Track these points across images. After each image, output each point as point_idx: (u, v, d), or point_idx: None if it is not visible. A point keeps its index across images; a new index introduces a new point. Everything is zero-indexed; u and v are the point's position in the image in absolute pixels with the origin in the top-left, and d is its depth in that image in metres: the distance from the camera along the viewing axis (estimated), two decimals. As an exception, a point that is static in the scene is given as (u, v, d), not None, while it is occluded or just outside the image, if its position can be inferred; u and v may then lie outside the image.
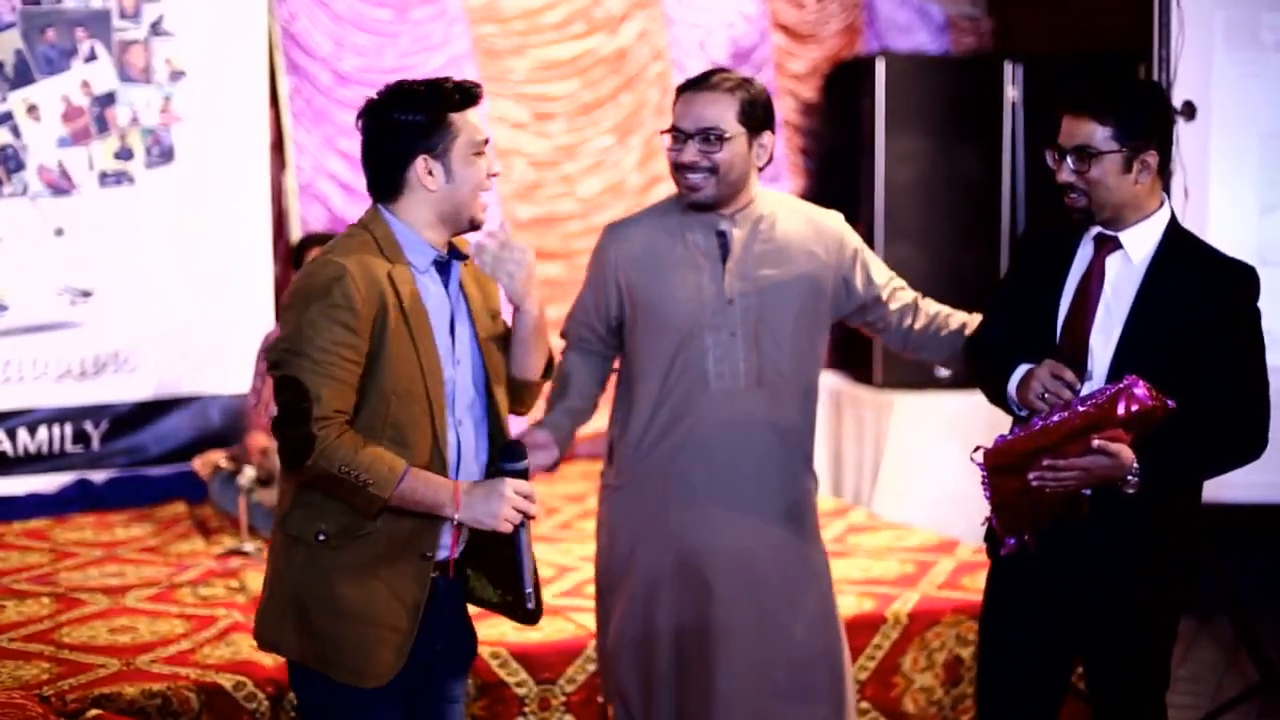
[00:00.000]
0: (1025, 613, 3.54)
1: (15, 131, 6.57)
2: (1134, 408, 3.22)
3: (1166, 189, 4.90)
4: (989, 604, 3.65)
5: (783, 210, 3.82)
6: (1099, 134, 3.34)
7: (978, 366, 3.66)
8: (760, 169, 3.76)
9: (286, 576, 3.13)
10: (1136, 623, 3.44)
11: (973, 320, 3.91)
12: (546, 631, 4.70)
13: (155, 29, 6.75)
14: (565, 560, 5.64)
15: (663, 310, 3.74)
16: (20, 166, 6.57)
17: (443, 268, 3.20)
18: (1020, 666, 3.56)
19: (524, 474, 3.13)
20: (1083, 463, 3.26)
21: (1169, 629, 3.53)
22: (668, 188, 7.93)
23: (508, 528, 3.09)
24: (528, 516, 3.12)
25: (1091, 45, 7.98)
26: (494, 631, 4.71)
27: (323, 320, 2.99)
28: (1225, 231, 6.27)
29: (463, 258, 3.25)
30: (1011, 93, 7.60)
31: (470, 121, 3.14)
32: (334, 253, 3.08)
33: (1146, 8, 5.11)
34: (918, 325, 3.91)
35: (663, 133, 3.72)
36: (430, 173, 3.11)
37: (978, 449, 3.37)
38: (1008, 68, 7.65)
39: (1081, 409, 3.26)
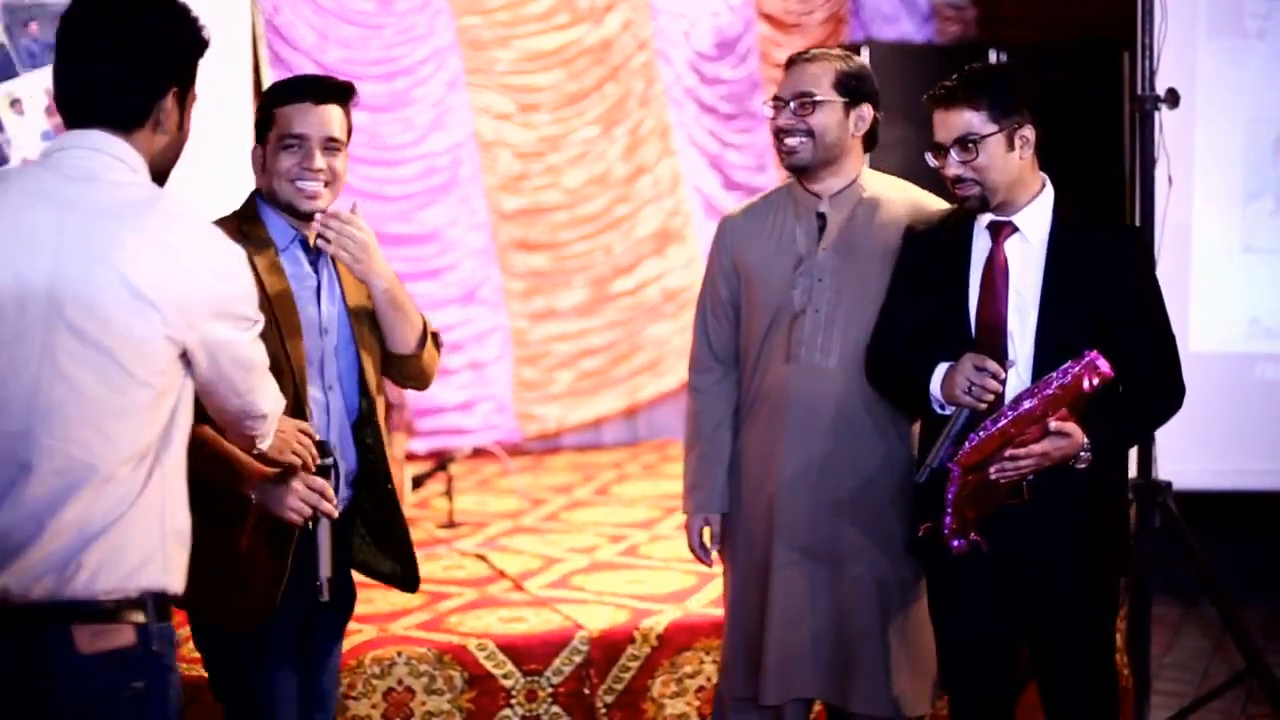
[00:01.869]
0: (972, 600, 3.56)
1: (-2, 125, 6.56)
2: (1095, 381, 3.24)
3: (1146, 176, 4.95)
4: (934, 596, 3.67)
5: (887, 194, 3.87)
6: (975, 120, 3.43)
7: (881, 375, 3.66)
8: (864, 142, 3.88)
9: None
10: (1078, 598, 3.47)
11: None
12: (533, 623, 4.71)
13: (138, 22, 6.74)
14: (552, 551, 5.64)
15: (760, 285, 3.83)
16: (3, 160, 6.55)
17: (307, 244, 3.39)
18: (975, 654, 3.59)
19: (325, 472, 3.18)
20: (1040, 448, 3.29)
21: (1110, 602, 3.58)
22: (652, 178, 7.99)
23: (296, 519, 3.16)
24: (322, 513, 3.18)
25: (1075, 33, 7.99)
26: (480, 623, 4.72)
27: None
28: (1209, 219, 6.28)
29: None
30: (996, 81, 7.60)
31: (288, 116, 3.33)
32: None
33: (1130, -4, 5.11)
34: None
35: (766, 103, 3.87)
36: (262, 159, 3.39)
37: (956, 462, 3.34)
38: (992, 56, 7.64)
39: (1049, 391, 3.26)
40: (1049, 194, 3.52)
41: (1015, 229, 3.49)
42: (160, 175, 2.72)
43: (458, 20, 7.51)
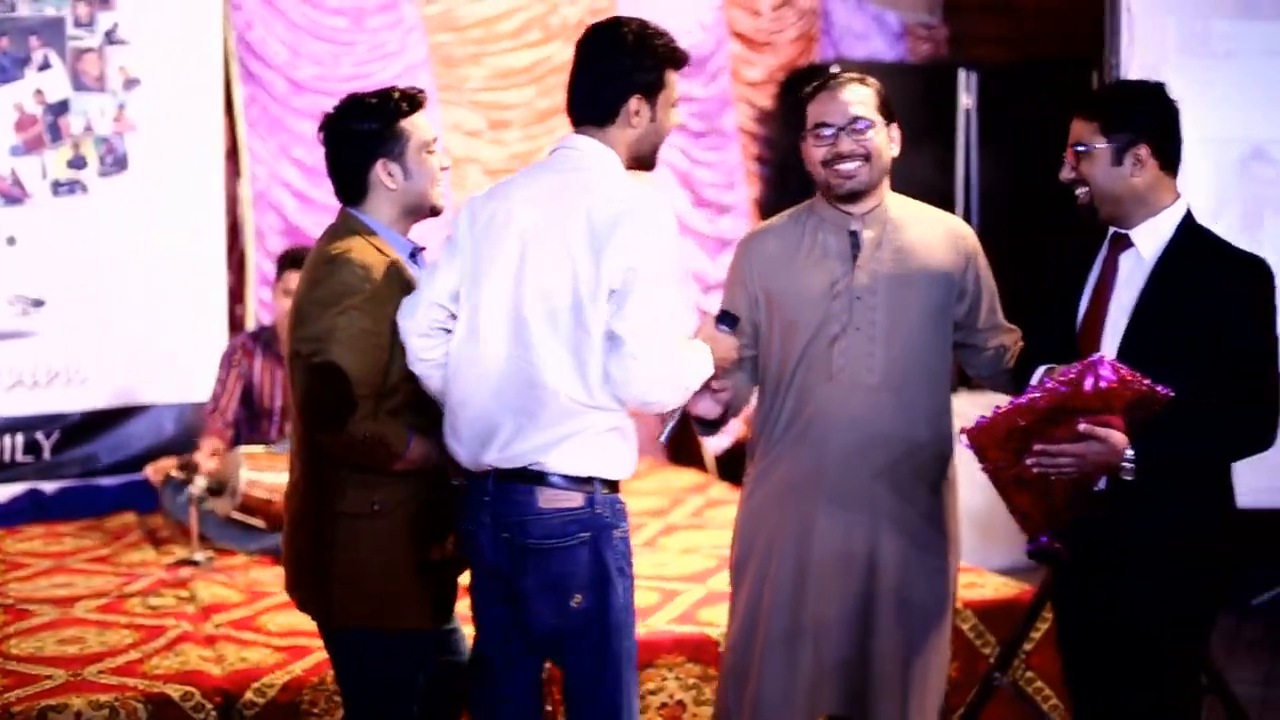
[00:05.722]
0: (1071, 609, 3.69)
1: (-33, 140, 6.53)
2: (1101, 385, 3.29)
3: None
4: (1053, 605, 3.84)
5: (912, 213, 3.87)
6: (1088, 131, 3.55)
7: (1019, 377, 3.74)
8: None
9: (347, 552, 3.52)
10: (1159, 627, 3.51)
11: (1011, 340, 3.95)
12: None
13: (109, 37, 6.73)
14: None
15: (793, 306, 3.79)
16: (-28, 175, 6.54)
17: (413, 256, 3.65)
18: (1083, 660, 3.67)
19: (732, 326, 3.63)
20: (1073, 448, 3.36)
21: (1193, 636, 3.58)
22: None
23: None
24: None
25: (1045, 53, 8.02)
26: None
27: (353, 313, 3.43)
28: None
29: (422, 248, 3.73)
30: (966, 100, 7.64)
31: (418, 124, 3.64)
32: (349, 254, 3.50)
33: (1099, 17, 5.14)
34: (1005, 357, 3.93)
35: (806, 134, 3.79)
36: (390, 174, 3.60)
37: (962, 430, 3.46)
38: (962, 75, 7.70)
39: (1050, 384, 3.34)
40: (1176, 212, 3.57)
41: (1131, 243, 3.57)
42: (640, 160, 3.50)
43: (430, 38, 7.51)
